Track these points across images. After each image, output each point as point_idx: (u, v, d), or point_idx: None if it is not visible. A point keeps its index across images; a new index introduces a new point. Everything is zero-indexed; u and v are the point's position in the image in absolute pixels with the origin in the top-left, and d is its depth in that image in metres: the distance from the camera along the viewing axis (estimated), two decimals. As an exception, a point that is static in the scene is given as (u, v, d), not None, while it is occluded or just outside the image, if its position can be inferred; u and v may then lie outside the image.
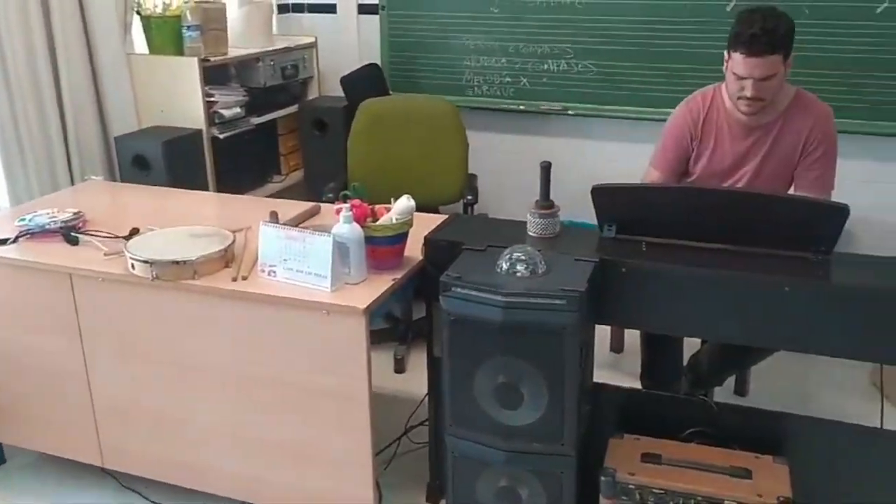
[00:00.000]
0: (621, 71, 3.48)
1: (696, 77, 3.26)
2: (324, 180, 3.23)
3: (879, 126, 3.16)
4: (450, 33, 3.72)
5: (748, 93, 2.20)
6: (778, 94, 2.26)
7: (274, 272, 1.97)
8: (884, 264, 1.91)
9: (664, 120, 2.55)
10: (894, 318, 1.73)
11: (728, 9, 3.21)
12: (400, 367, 3.07)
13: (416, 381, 2.58)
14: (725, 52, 2.26)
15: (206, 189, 3.11)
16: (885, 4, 3.02)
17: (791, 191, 2.40)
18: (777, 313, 1.81)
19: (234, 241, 2.09)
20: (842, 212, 1.80)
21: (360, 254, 1.94)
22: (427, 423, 2.29)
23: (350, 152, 3.27)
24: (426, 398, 2.25)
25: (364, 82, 3.64)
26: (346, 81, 3.59)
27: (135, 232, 2.22)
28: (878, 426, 2.07)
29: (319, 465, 2.04)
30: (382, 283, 1.95)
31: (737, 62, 2.19)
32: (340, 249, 1.91)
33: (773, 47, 2.14)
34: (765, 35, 2.13)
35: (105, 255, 2.12)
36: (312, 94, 3.82)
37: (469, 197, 3.18)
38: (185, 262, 1.97)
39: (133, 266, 2.00)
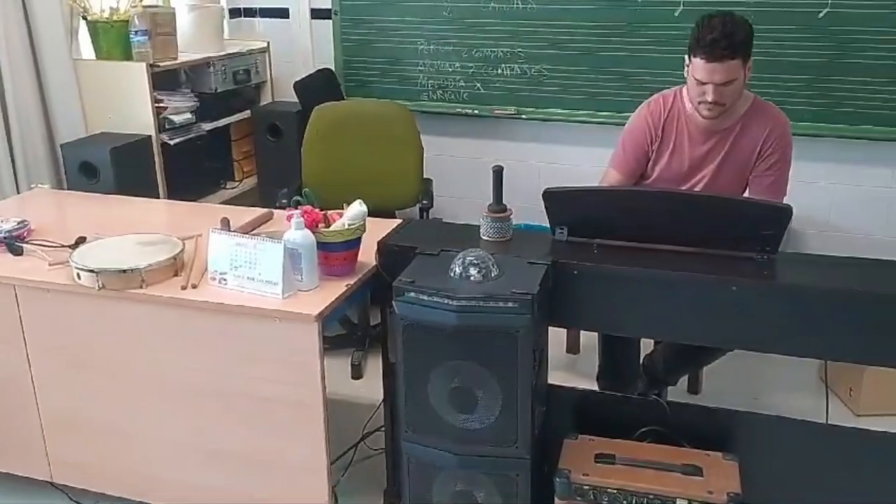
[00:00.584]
0: (573, 75, 3.51)
1: (647, 81, 3.32)
2: (278, 186, 3.19)
3: (825, 128, 3.24)
4: (403, 38, 3.72)
5: (709, 97, 2.23)
6: (738, 99, 2.30)
7: (224, 280, 1.94)
8: (826, 263, 1.96)
9: (616, 124, 2.58)
10: (837, 315, 1.78)
11: (676, 14, 3.26)
12: (357, 373, 3.06)
13: (373, 386, 2.57)
14: (686, 57, 2.28)
15: (157, 196, 3.06)
16: (827, 9, 3.10)
17: (746, 195, 2.44)
18: (725, 313, 1.85)
19: (183, 249, 2.06)
20: (785, 212, 1.84)
21: (312, 260, 1.93)
22: (384, 428, 2.28)
23: (304, 157, 3.24)
24: (382, 404, 2.25)
25: (318, 87, 3.62)
26: (299, 86, 3.57)
27: (81, 241, 2.18)
28: (825, 421, 2.12)
29: (275, 474, 2.02)
30: (335, 290, 1.94)
31: (697, 67, 2.22)
32: (292, 256, 1.90)
33: (733, 52, 2.18)
34: (724, 39, 2.16)
35: (50, 265, 2.08)
36: (265, 99, 3.78)
37: (424, 201, 3.18)
38: (132, 270, 1.94)
39: (79, 276, 1.96)
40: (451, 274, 1.84)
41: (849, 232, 3.38)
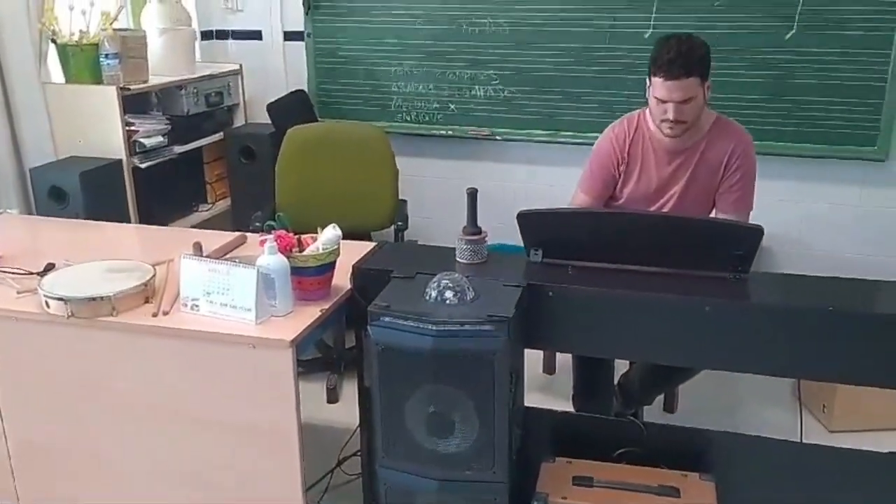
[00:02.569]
0: (546, 97, 3.54)
1: (619, 102, 3.36)
2: (252, 208, 3.17)
3: (794, 147, 3.29)
4: (377, 60, 3.73)
5: (670, 115, 2.27)
6: (699, 118, 2.34)
7: (197, 306, 1.92)
8: (798, 283, 1.99)
9: (589, 144, 2.60)
10: (809, 334, 1.79)
11: (646, 36, 3.31)
12: (332, 397, 3.03)
13: (348, 410, 2.54)
14: (647, 79, 2.33)
15: (128, 221, 3.03)
16: (793, 31, 3.16)
17: (713, 212, 2.47)
18: (698, 333, 1.86)
19: (154, 275, 2.03)
20: (756, 233, 1.86)
21: (286, 285, 1.91)
22: (360, 453, 2.26)
23: (278, 179, 3.23)
24: (359, 428, 2.22)
25: (291, 109, 3.62)
26: (272, 108, 3.56)
27: (50, 268, 2.14)
28: (799, 437, 2.14)
29: (249, 501, 1.99)
30: (310, 315, 1.92)
31: (657, 86, 2.26)
32: (265, 281, 1.88)
33: (690, 70, 2.22)
34: (680, 58, 2.21)
35: (18, 293, 2.04)
36: (238, 121, 3.77)
37: (399, 223, 3.18)
38: (101, 298, 1.90)
39: (47, 304, 1.93)
40: (427, 297, 1.84)
41: (819, 250, 3.42)
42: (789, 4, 3.14)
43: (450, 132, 3.74)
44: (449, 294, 1.83)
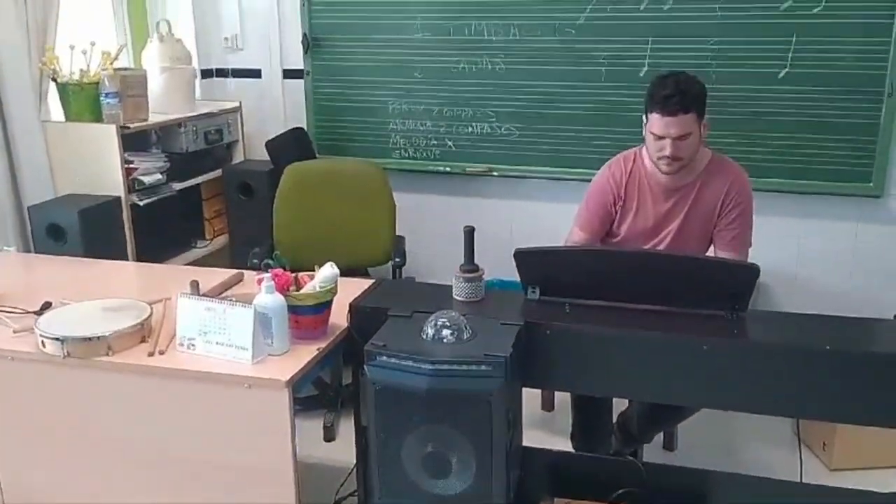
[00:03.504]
0: (543, 133, 3.57)
1: (615, 138, 3.38)
2: (249, 244, 3.18)
3: (791, 184, 3.31)
4: (375, 97, 3.77)
5: (667, 152, 2.29)
6: (696, 155, 2.35)
7: (193, 345, 1.91)
8: (796, 321, 1.98)
9: (586, 180, 2.62)
10: (807, 373, 1.79)
11: (641, 74, 3.34)
12: (329, 435, 3.01)
13: (345, 449, 2.53)
14: (643, 116, 2.35)
15: (125, 258, 3.03)
16: (786, 69, 3.20)
17: (711, 250, 2.48)
18: (697, 372, 1.85)
19: (151, 314, 2.03)
20: (752, 271, 1.86)
21: (283, 324, 1.91)
22: (357, 493, 2.24)
23: (276, 216, 3.24)
24: (355, 468, 2.20)
25: (289, 146, 3.64)
26: (271, 145, 3.59)
27: (47, 306, 2.14)
28: (799, 476, 2.12)
29: (244, 545, 1.97)
30: (306, 354, 1.91)
31: (654, 122, 2.28)
32: (262, 320, 1.88)
33: (686, 106, 2.24)
34: (677, 95, 2.24)
35: (14, 332, 2.03)
36: (237, 158, 3.79)
37: (397, 259, 3.18)
38: (98, 338, 1.90)
39: (44, 343, 1.92)
40: (424, 336, 1.83)
41: (815, 286, 3.43)
42: (782, 44, 3.18)
43: (448, 168, 3.76)
44: (446, 333, 1.82)
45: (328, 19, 3.73)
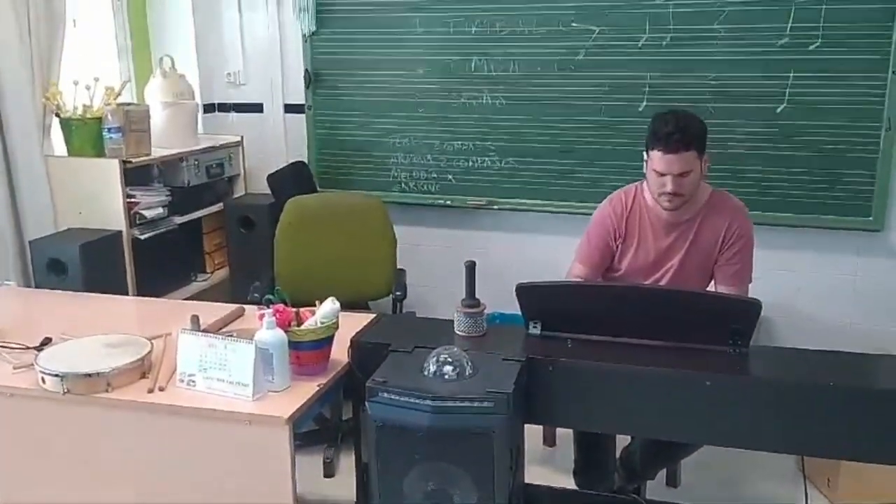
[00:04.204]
0: (543, 167, 3.59)
1: (614, 172, 3.40)
2: (250, 278, 3.18)
3: (790, 218, 3.32)
4: (376, 131, 3.79)
5: (668, 188, 2.30)
6: (696, 191, 2.36)
7: (193, 381, 1.90)
8: (799, 357, 1.97)
9: (586, 213, 2.63)
10: (812, 410, 1.77)
11: (640, 108, 3.37)
12: (329, 471, 2.98)
13: (346, 485, 2.50)
14: (645, 153, 2.37)
15: (126, 292, 3.03)
16: (784, 105, 3.23)
17: (712, 284, 2.47)
18: (700, 408, 1.84)
19: (151, 350, 2.02)
20: (755, 307, 1.86)
21: (284, 360, 1.90)
22: (357, 531, 2.21)
23: (277, 249, 3.25)
24: (355, 505, 2.18)
25: (291, 180, 3.66)
26: (272, 179, 3.60)
27: (47, 342, 2.13)
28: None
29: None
30: (307, 390, 1.90)
31: (655, 159, 2.30)
32: (263, 356, 1.87)
33: (688, 144, 2.26)
34: (679, 132, 2.25)
35: (14, 368, 2.02)
36: (238, 191, 3.80)
37: (398, 292, 3.17)
38: (97, 374, 1.89)
39: (43, 380, 1.91)
40: (425, 372, 1.82)
41: (815, 319, 3.42)
42: (779, 79, 3.21)
43: (448, 202, 3.77)
44: (448, 369, 1.81)
45: (330, 55, 3.77)
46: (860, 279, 3.35)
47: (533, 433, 2.92)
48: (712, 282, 2.48)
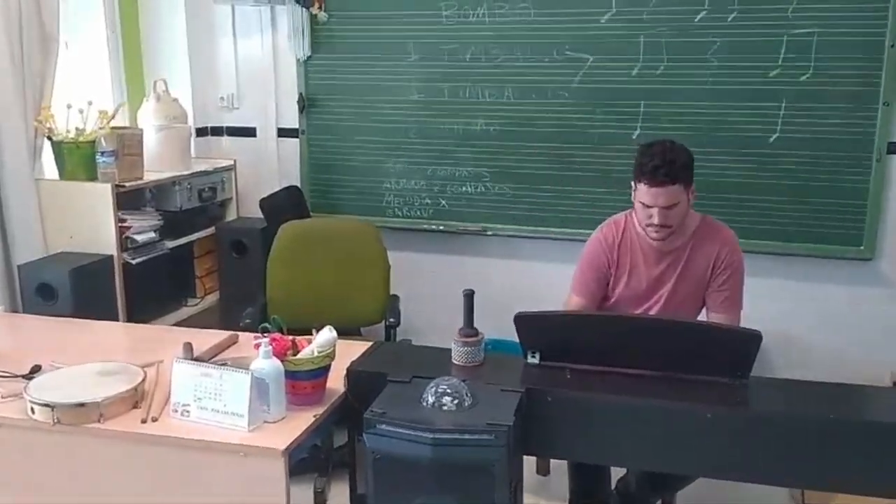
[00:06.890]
0: (536, 193, 3.59)
1: (608, 198, 3.40)
2: (241, 303, 3.16)
3: (784, 246, 3.33)
4: (370, 157, 3.78)
5: (655, 220, 2.30)
6: (684, 220, 2.37)
7: (187, 412, 1.87)
8: (798, 389, 1.96)
9: (580, 240, 2.62)
10: (811, 443, 1.76)
11: (634, 136, 3.38)
12: (320, 500, 2.93)
13: (337, 516, 2.47)
14: (632, 183, 2.37)
15: (116, 317, 2.98)
16: (777, 134, 3.25)
17: (703, 311, 2.47)
18: (699, 440, 1.82)
19: (144, 379, 1.99)
20: (755, 338, 1.85)
21: (280, 390, 1.87)
22: (351, 564, 2.17)
23: (269, 274, 3.22)
24: (349, 537, 2.14)
25: (283, 204, 3.63)
26: (265, 203, 3.58)
27: (36, 370, 2.09)
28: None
29: None
30: (303, 421, 1.87)
31: (642, 192, 2.31)
32: (259, 386, 1.84)
33: (674, 177, 2.27)
34: (665, 166, 2.26)
35: (2, 397, 1.98)
36: (231, 215, 3.78)
37: (391, 319, 3.15)
38: (89, 404, 1.85)
39: (33, 410, 1.87)
40: (424, 403, 1.80)
41: (811, 349, 3.41)
42: (772, 109, 3.23)
43: (442, 227, 3.76)
44: (447, 400, 1.80)
45: (324, 80, 3.77)
46: (852, 308, 3.36)
47: (526, 462, 2.88)
48: (704, 309, 2.48)
